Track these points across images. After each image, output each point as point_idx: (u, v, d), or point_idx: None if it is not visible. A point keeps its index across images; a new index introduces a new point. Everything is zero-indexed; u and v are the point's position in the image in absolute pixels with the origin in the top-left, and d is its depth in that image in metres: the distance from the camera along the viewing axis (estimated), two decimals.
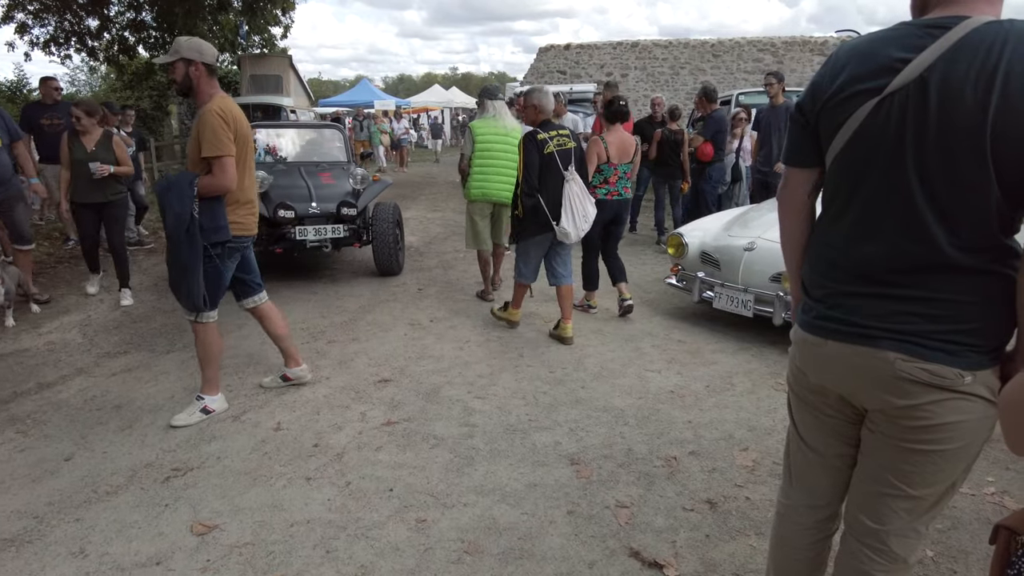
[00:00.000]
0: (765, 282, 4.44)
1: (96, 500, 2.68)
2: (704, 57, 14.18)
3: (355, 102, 24.34)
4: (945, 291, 1.30)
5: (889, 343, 1.33)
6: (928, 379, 1.31)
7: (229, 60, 19.23)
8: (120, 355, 4.35)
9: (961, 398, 1.31)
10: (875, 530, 1.49)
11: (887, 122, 1.29)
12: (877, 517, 1.48)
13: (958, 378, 1.29)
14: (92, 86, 30.27)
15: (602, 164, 4.86)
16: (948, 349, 1.29)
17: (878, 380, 1.36)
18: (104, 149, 5.30)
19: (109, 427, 3.33)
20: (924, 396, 1.32)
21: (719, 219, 5.51)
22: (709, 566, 2.27)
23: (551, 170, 4.28)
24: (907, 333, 1.32)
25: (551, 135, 4.32)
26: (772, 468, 2.91)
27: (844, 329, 1.39)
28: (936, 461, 1.37)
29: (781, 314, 4.26)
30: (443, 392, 3.73)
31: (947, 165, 1.25)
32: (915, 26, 1.30)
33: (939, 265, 1.29)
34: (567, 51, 15.11)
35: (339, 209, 5.79)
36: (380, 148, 18.55)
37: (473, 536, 2.44)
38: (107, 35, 14.71)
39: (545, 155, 4.26)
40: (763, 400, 3.63)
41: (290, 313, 5.21)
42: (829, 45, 13.31)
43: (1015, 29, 1.20)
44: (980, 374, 1.29)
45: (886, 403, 1.37)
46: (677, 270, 5.18)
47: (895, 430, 1.38)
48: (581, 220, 4.34)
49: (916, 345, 1.31)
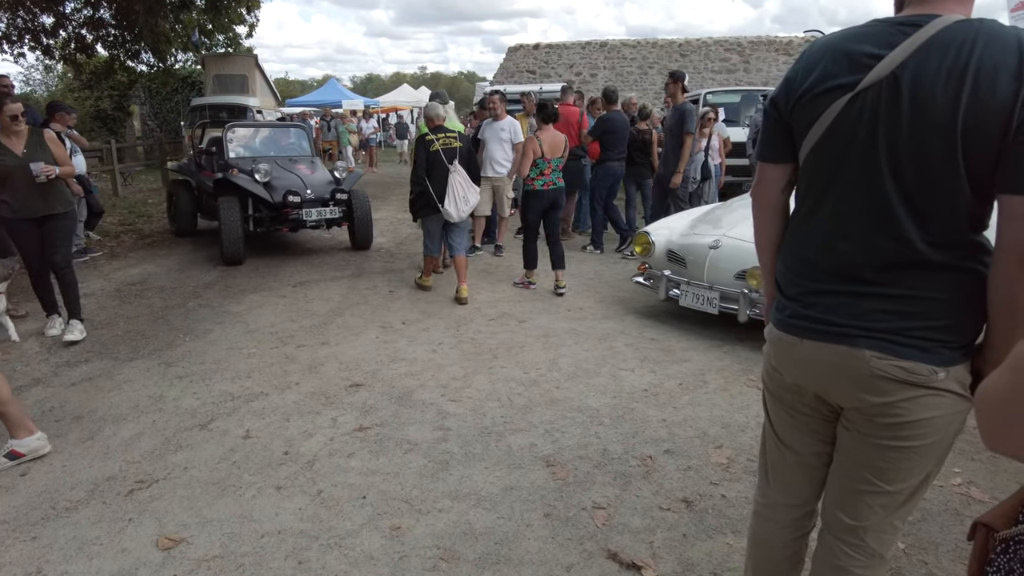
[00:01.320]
0: (730, 279, 4.47)
1: (55, 516, 2.58)
2: (672, 57, 14.31)
3: (323, 102, 24.03)
4: (918, 288, 1.30)
5: (864, 341, 1.33)
6: (902, 376, 1.31)
7: (193, 60, 18.85)
8: (80, 364, 4.20)
9: (934, 394, 1.31)
10: (852, 526, 1.49)
11: (860, 118, 1.29)
12: (854, 513, 1.48)
13: (932, 374, 1.30)
14: (48, 86, 29.40)
15: (538, 159, 5.55)
16: (921, 346, 1.30)
17: (854, 378, 1.36)
18: (37, 148, 4.32)
19: (68, 439, 3.20)
20: (899, 393, 1.33)
21: (685, 217, 5.52)
22: (687, 566, 2.27)
23: (438, 164, 5.34)
24: (881, 331, 1.32)
25: (439, 137, 5.39)
26: (747, 465, 2.92)
27: (819, 328, 1.39)
28: (911, 457, 1.38)
29: (746, 311, 4.29)
30: (416, 396, 3.68)
31: (918, 161, 1.25)
32: (888, 23, 1.30)
33: (912, 262, 1.30)
34: (536, 51, 15.12)
35: (333, 194, 6.96)
36: (349, 148, 18.35)
37: (449, 542, 2.40)
38: (63, 33, 14.24)
39: (431, 152, 5.34)
40: (736, 397, 3.65)
41: (257, 317, 5.11)
42: (794, 45, 13.54)
43: (985, 28, 1.21)
44: (952, 369, 1.30)
45: (862, 401, 1.38)
46: (644, 268, 5.21)
47: (871, 427, 1.39)
48: (462, 203, 5.36)
49: (890, 343, 1.32)
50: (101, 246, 7.75)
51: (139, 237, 8.50)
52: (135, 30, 13.46)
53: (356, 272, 6.67)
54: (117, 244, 8.05)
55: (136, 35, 13.92)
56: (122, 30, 14.31)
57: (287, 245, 8.06)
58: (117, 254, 7.51)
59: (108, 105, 19.79)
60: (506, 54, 15.37)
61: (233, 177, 6.78)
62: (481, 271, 6.65)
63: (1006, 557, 0.95)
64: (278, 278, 6.42)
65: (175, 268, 6.87)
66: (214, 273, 6.65)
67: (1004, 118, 1.16)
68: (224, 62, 15.99)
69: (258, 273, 6.62)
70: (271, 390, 3.76)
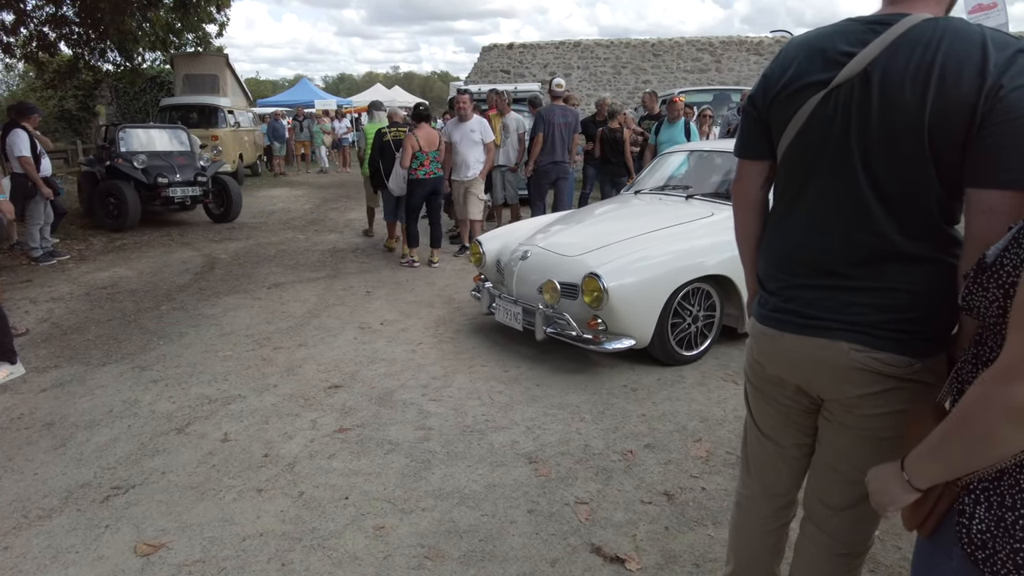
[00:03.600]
0: (534, 293, 4.17)
1: (27, 526, 2.52)
2: (645, 57, 14.44)
3: (295, 102, 23.71)
4: (894, 280, 1.33)
5: (843, 334, 1.36)
6: (880, 368, 1.34)
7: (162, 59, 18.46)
8: (50, 369, 4.11)
9: (911, 386, 1.34)
10: (832, 516, 1.53)
11: (834, 115, 1.32)
12: (834, 503, 1.52)
13: (908, 366, 1.33)
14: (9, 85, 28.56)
15: (417, 152, 6.51)
16: (898, 338, 1.33)
17: (834, 371, 1.39)
18: None
19: (39, 447, 3.13)
20: (876, 385, 1.35)
21: (536, 223, 5.16)
22: (670, 558, 2.30)
23: (389, 151, 6.76)
24: (859, 324, 1.35)
25: (390, 131, 6.85)
26: (725, 458, 2.97)
27: (800, 321, 1.42)
28: (890, 448, 1.39)
29: (543, 328, 3.99)
30: (396, 396, 3.66)
31: (890, 156, 1.29)
32: (860, 22, 1.34)
33: (888, 255, 1.32)
34: (511, 50, 15.13)
35: (195, 177, 9.01)
36: (323, 148, 18.17)
37: (433, 541, 2.40)
38: (24, 30, 13.84)
39: (384, 142, 6.80)
40: (713, 391, 3.71)
41: (233, 320, 5.05)
42: (764, 45, 13.76)
43: (951, 26, 1.24)
44: (929, 361, 1.33)
45: (842, 392, 1.41)
46: (479, 279, 4.82)
47: (850, 419, 1.42)
48: (401, 181, 6.63)
49: (867, 335, 1.34)
50: (69, 249, 7.58)
51: (108, 240, 8.32)
52: (100, 28, 13.13)
53: (332, 273, 6.62)
54: (86, 247, 7.86)
55: (101, 33, 13.58)
56: (87, 28, 13.95)
57: (260, 246, 7.96)
58: (86, 257, 7.35)
59: (73, 105, 19.28)
60: (480, 54, 15.36)
61: (119, 165, 8.66)
62: (459, 271, 6.65)
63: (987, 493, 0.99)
64: (253, 280, 6.34)
65: (146, 271, 6.74)
66: (187, 276, 6.54)
67: (968, 113, 1.19)
68: (194, 62, 15.67)
69: (232, 275, 6.53)
70: (249, 392, 3.71)
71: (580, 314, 3.88)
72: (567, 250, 4.18)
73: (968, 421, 0.93)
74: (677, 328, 3.99)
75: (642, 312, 3.80)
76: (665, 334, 3.93)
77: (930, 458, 1.01)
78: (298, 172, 17.98)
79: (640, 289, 3.77)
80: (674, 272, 3.87)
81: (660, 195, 4.98)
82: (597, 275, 3.69)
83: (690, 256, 3.95)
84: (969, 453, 0.94)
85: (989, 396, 0.90)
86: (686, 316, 4.02)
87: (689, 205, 4.57)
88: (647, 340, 3.88)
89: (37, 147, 6.79)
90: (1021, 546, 0.93)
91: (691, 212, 4.42)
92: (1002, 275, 0.98)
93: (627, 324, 3.81)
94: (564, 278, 3.99)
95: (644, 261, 3.87)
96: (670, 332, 3.95)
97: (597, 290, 3.68)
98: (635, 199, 5.09)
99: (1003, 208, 1.18)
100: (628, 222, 4.54)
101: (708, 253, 3.97)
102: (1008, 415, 0.88)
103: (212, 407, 3.53)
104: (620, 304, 3.72)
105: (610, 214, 4.97)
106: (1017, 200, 1.18)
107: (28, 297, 5.67)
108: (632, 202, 5.04)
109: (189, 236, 8.71)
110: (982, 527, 0.98)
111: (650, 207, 4.79)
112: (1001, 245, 1.00)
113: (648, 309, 3.83)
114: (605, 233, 4.31)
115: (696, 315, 4.06)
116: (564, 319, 3.94)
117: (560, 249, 4.22)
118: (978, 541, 0.98)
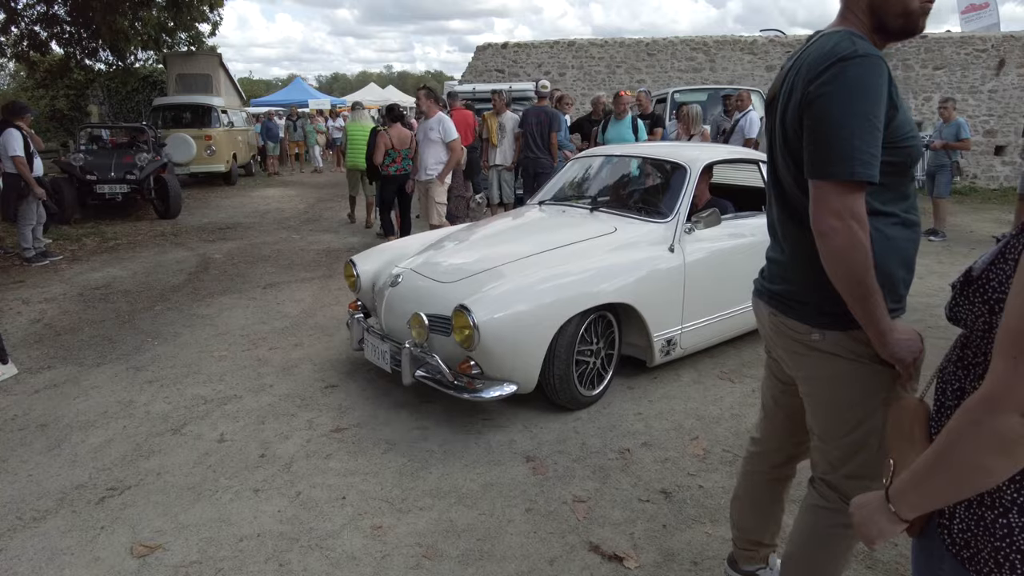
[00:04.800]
0: (402, 327, 3.43)
1: (22, 527, 2.50)
2: (639, 56, 14.43)
3: (289, 101, 23.62)
4: (795, 255, 1.56)
5: (767, 299, 1.66)
6: (789, 333, 1.58)
7: (154, 58, 18.36)
8: (44, 370, 4.08)
9: (816, 354, 1.54)
10: (812, 472, 1.71)
11: (772, 121, 1.58)
12: (812, 461, 1.71)
13: (808, 334, 1.53)
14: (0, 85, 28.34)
15: (389, 150, 6.94)
16: (797, 308, 1.56)
17: (770, 332, 1.68)
18: None
19: (33, 448, 3.11)
20: (792, 347, 1.59)
21: (428, 239, 4.40)
22: (668, 555, 2.31)
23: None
24: (776, 292, 1.63)
25: (385, 128, 7.16)
26: (722, 456, 2.98)
27: (758, 287, 1.74)
28: (816, 412, 1.61)
29: (410, 372, 3.25)
30: (393, 396, 3.66)
31: (780, 152, 1.54)
32: (805, 39, 1.55)
33: (789, 234, 1.57)
34: (505, 50, 15.11)
35: (124, 175, 9.48)
36: (316, 148, 18.10)
37: (431, 540, 2.40)
38: (15, 29, 13.75)
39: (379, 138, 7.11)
40: (709, 389, 3.72)
41: (228, 320, 5.03)
42: (758, 45, 13.78)
43: (827, 35, 1.43)
44: (829, 334, 1.50)
45: (778, 351, 1.68)
46: (355, 306, 3.99)
47: (798, 381, 1.65)
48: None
49: (777, 301, 1.62)
50: (61, 249, 7.53)
51: (101, 240, 8.27)
52: (92, 27, 13.06)
53: (327, 273, 6.60)
54: (78, 248, 7.82)
55: (93, 32, 13.51)
56: (78, 27, 13.87)
57: (254, 246, 7.93)
58: (79, 258, 7.30)
59: (65, 105, 19.14)
60: (474, 53, 15.32)
61: (61, 163, 9.64)
62: None
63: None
64: (247, 280, 6.31)
65: (140, 271, 6.71)
66: (181, 276, 6.51)
67: (799, 113, 1.42)
68: (187, 61, 15.56)
69: (227, 276, 6.50)
70: (245, 393, 3.70)
71: (456, 353, 3.18)
72: (443, 275, 3.51)
73: (952, 451, 0.91)
74: (581, 363, 3.41)
75: (525, 351, 3.12)
76: (562, 373, 3.27)
77: (915, 489, 0.98)
78: (292, 172, 17.91)
79: (520, 324, 3.09)
80: (564, 302, 3.20)
81: (564, 206, 4.39)
82: (466, 308, 3.02)
83: (585, 282, 3.31)
84: (955, 483, 0.92)
85: (973, 425, 0.88)
86: (587, 349, 3.43)
87: (593, 219, 4.00)
88: (532, 383, 3.23)
89: (30, 147, 6.75)
90: (1001, 544, 0.93)
91: (592, 228, 3.84)
92: (987, 290, 0.97)
93: (506, 366, 3.12)
94: (435, 309, 3.28)
95: (529, 289, 3.20)
96: (573, 369, 3.33)
97: (467, 327, 3.01)
98: (537, 211, 4.44)
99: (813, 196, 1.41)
100: (520, 240, 3.86)
101: (607, 278, 3.40)
102: (993, 445, 0.86)
103: (208, 407, 3.52)
104: (495, 344, 3.03)
105: (504, 230, 4.20)
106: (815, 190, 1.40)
107: (21, 298, 5.64)
108: (531, 215, 4.38)
109: (183, 236, 8.67)
110: (962, 526, 0.97)
111: (550, 220, 4.19)
112: (987, 259, 0.99)
113: (532, 347, 3.14)
114: (492, 254, 3.65)
115: (598, 348, 3.48)
116: (434, 360, 3.21)
117: (435, 273, 3.54)
118: (960, 541, 0.98)
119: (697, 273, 3.71)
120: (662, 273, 3.60)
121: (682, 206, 3.80)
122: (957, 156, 7.96)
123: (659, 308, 3.58)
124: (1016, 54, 12.53)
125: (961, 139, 7.78)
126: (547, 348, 3.18)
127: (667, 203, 3.90)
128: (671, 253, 3.66)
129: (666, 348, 3.69)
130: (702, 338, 3.91)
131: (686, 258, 3.69)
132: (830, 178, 1.36)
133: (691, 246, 3.75)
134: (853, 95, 1.32)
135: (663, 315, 3.61)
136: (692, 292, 3.70)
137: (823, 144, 1.36)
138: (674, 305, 3.66)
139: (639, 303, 3.45)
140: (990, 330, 0.97)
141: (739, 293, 3.74)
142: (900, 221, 1.47)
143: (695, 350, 3.96)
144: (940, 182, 7.98)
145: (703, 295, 3.77)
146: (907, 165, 1.46)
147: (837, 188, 1.35)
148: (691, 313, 3.74)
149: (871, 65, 1.33)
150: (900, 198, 1.48)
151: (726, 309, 3.94)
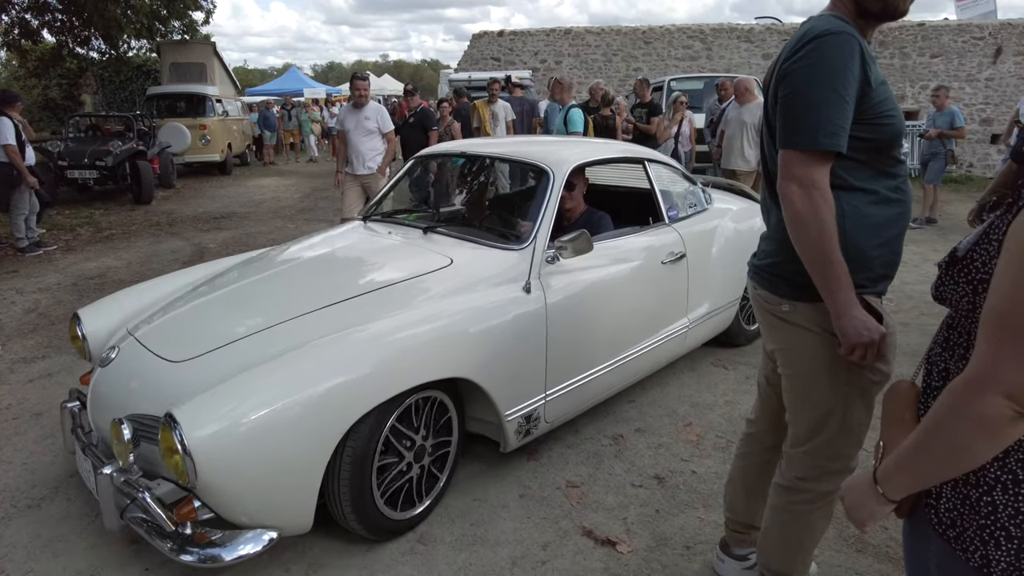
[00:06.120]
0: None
1: (16, 515, 2.51)
2: (636, 44, 14.37)
3: (284, 90, 23.51)
4: (775, 229, 1.62)
5: (753, 275, 1.73)
6: (764, 306, 1.66)
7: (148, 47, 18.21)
8: (38, 360, 4.08)
9: (787, 327, 1.60)
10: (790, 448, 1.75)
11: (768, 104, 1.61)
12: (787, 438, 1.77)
13: (778, 304, 1.61)
14: None
15: None
16: (771, 279, 1.63)
17: (755, 307, 1.73)
18: None
19: (28, 437, 3.11)
20: (767, 320, 1.67)
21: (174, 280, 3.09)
22: (660, 540, 2.33)
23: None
24: (759, 267, 1.70)
25: None
26: (715, 442, 3.00)
27: (749, 265, 1.79)
28: (786, 385, 1.68)
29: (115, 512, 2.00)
30: None
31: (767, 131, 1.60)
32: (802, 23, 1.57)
33: (772, 209, 1.63)
34: (501, 38, 15.03)
35: (95, 161, 9.75)
36: (312, 137, 18.03)
37: (425, 526, 2.41)
38: (6, 17, 13.63)
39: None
40: (703, 376, 3.73)
41: None
42: (755, 32, 13.72)
43: (811, 20, 1.48)
44: (800, 305, 1.56)
45: (762, 328, 1.74)
46: (88, 379, 2.52)
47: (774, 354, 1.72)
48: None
49: (757, 274, 1.69)
50: (55, 239, 7.50)
51: (96, 230, 8.24)
52: (83, 15, 12.95)
53: None
54: (72, 237, 7.79)
55: (85, 20, 13.41)
56: (70, 15, 13.77)
57: (249, 235, 7.91)
58: (73, 247, 7.28)
59: (57, 94, 19.00)
60: (470, 41, 15.24)
61: (41, 150, 9.51)
62: None
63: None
64: None
65: (135, 261, 6.69)
66: (176, 266, 6.49)
67: (776, 89, 1.49)
68: (181, 50, 15.43)
69: None
70: None
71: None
72: (177, 346, 2.27)
73: (938, 432, 0.93)
74: (389, 471, 2.24)
75: (283, 481, 1.94)
76: (354, 496, 2.12)
77: (901, 470, 1.00)
78: (287, 161, 17.83)
79: (270, 440, 1.88)
80: (353, 391, 2.03)
81: (391, 225, 3.24)
82: (172, 420, 1.80)
83: (393, 355, 2.15)
84: (940, 464, 0.94)
85: (958, 407, 0.89)
86: (404, 449, 2.27)
87: (424, 245, 2.85)
88: (306, 522, 2.04)
89: (22, 135, 6.71)
90: (987, 522, 0.94)
91: (419, 261, 2.67)
92: (971, 270, 0.98)
93: (250, 507, 1.91)
94: (151, 407, 2.08)
95: (293, 377, 1.98)
96: (374, 487, 2.17)
97: (174, 449, 1.79)
98: (356, 232, 3.23)
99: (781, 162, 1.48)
100: (310, 280, 2.66)
101: (430, 342, 2.25)
102: (977, 426, 0.87)
103: None
104: (223, 477, 1.82)
105: (294, 262, 2.90)
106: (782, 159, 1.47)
107: (14, 288, 5.62)
108: (345, 239, 3.17)
109: (177, 226, 8.64)
110: (949, 506, 0.99)
111: (365, 246, 3.04)
112: (972, 239, 1.00)
113: (295, 472, 1.95)
114: (260, 306, 2.45)
115: (420, 447, 2.33)
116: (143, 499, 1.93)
117: (166, 343, 2.31)
118: (947, 520, 0.99)
119: (564, 320, 2.61)
120: (514, 325, 2.45)
121: (542, 225, 2.69)
122: (952, 144, 7.95)
123: (511, 377, 2.46)
124: (1013, 42, 12.51)
125: (955, 127, 7.78)
126: (326, 465, 2.01)
127: (524, 222, 2.83)
128: (527, 294, 2.52)
129: (524, 427, 2.57)
130: (575, 403, 2.82)
131: (547, 299, 2.56)
132: (795, 147, 1.43)
133: (556, 281, 2.64)
134: (822, 69, 1.38)
135: (518, 385, 2.49)
136: (558, 347, 2.60)
137: (791, 115, 1.43)
138: (533, 369, 2.53)
139: (481, 374, 2.33)
140: (974, 310, 0.98)
141: (628, 334, 2.98)
142: (880, 199, 1.48)
143: (566, 420, 2.89)
144: (932, 168, 7.99)
145: (574, 348, 2.70)
146: (887, 143, 1.46)
147: (801, 157, 1.42)
148: (558, 375, 2.64)
149: (842, 42, 1.38)
150: (882, 175, 1.49)
151: (608, 360, 2.89)
